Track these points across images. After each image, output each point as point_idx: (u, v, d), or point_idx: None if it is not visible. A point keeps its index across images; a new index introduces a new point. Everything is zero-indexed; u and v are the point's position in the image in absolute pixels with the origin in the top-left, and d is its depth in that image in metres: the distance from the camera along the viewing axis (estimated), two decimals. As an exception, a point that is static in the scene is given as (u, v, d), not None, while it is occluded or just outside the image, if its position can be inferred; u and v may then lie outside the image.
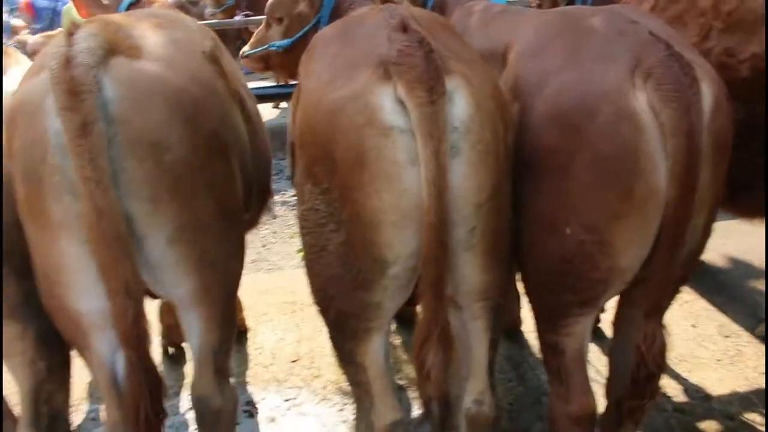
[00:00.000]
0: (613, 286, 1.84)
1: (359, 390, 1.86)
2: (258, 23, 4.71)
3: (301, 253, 4.70)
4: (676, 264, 1.73)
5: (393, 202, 1.58)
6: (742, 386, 3.03)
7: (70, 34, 1.59)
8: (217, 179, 1.84)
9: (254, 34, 3.28)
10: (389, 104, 1.55)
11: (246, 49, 3.26)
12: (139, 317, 1.63)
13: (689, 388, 3.04)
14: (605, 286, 1.83)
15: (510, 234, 1.84)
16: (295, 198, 5.95)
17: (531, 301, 2.01)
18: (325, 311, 1.83)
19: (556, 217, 1.80)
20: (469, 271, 1.73)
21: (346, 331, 1.79)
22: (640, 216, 1.71)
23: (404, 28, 1.60)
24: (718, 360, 3.23)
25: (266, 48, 3.06)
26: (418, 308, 1.74)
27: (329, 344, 3.24)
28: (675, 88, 1.60)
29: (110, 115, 1.57)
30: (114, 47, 1.64)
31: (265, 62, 3.19)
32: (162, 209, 1.68)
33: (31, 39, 2.71)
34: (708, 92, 1.66)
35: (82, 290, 1.69)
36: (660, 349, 1.86)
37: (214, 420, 2.05)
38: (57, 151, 1.57)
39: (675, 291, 2.01)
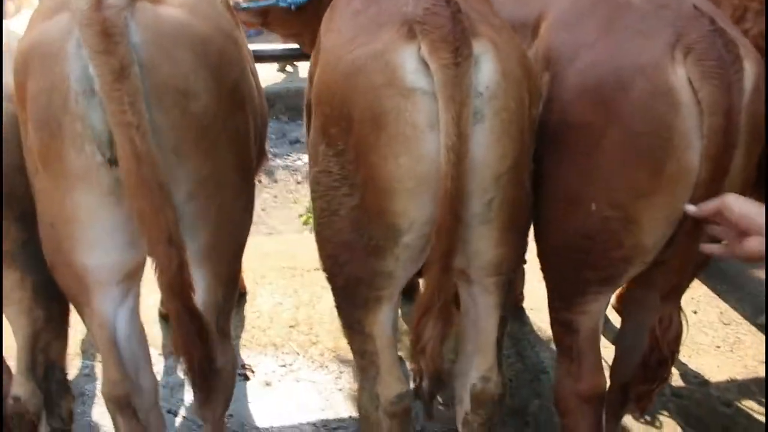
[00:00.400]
0: (635, 266, 1.80)
1: (364, 360, 1.82)
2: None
3: (303, 218, 4.67)
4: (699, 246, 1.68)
5: (410, 167, 1.51)
6: (740, 374, 3.03)
7: None
8: (237, 133, 1.79)
9: None
10: (411, 64, 1.48)
11: (241, 0, 2.95)
12: (183, 266, 1.57)
13: (688, 373, 3.03)
14: (627, 264, 1.78)
15: (527, 208, 1.79)
16: (297, 162, 5.88)
17: (547, 277, 1.97)
18: (334, 278, 1.77)
19: (581, 193, 1.74)
20: (484, 245, 1.68)
21: (355, 299, 1.74)
22: (669, 195, 1.65)
23: None
24: (718, 347, 3.22)
25: (275, 2, 2.82)
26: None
27: (328, 311, 3.29)
28: (717, 64, 1.53)
29: (138, 61, 1.49)
30: None
31: (264, 18, 2.92)
32: (185, 161, 1.62)
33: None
34: (750, 72, 1.59)
35: (91, 244, 1.65)
36: (676, 333, 1.82)
37: (214, 381, 2.01)
38: (80, 98, 1.49)
39: (694, 275, 1.97)
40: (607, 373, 2.09)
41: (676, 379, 2.98)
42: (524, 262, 1.91)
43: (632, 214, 1.70)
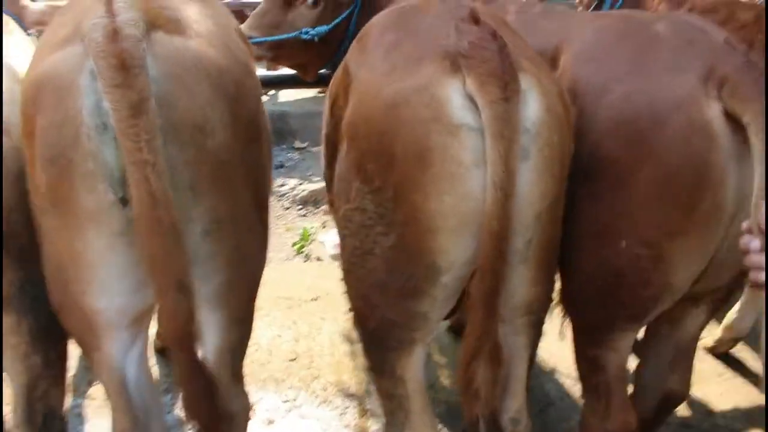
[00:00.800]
0: (664, 303, 1.78)
1: (392, 404, 1.74)
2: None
3: (297, 246, 4.55)
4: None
5: (454, 206, 1.46)
6: (744, 402, 3.01)
7: (109, 3, 1.43)
8: (253, 167, 1.73)
9: (258, 16, 2.86)
10: (458, 99, 1.43)
11: (253, 33, 2.81)
12: (191, 315, 1.47)
13: (693, 402, 3.00)
14: (656, 302, 1.76)
15: (558, 246, 1.74)
16: (283, 187, 5.72)
17: (574, 313, 1.93)
18: (365, 320, 1.70)
19: (611, 229, 1.71)
20: (520, 284, 1.62)
21: (387, 342, 1.66)
22: (702, 233, 1.63)
23: (475, 19, 1.47)
24: (720, 374, 3.20)
25: (297, 34, 2.71)
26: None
27: (328, 343, 3.20)
28: (756, 90, 1.51)
29: (155, 95, 1.41)
30: (153, 20, 1.49)
31: (278, 50, 2.83)
32: (201, 199, 1.54)
33: (33, 6, 2.47)
34: None
35: (102, 287, 1.55)
36: None
37: (227, 426, 1.90)
38: (92, 134, 1.41)
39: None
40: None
41: (682, 409, 2.94)
42: (551, 300, 1.87)
43: (664, 252, 1.68)
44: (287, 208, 4.99)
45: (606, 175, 1.70)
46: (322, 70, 3.03)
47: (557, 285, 1.93)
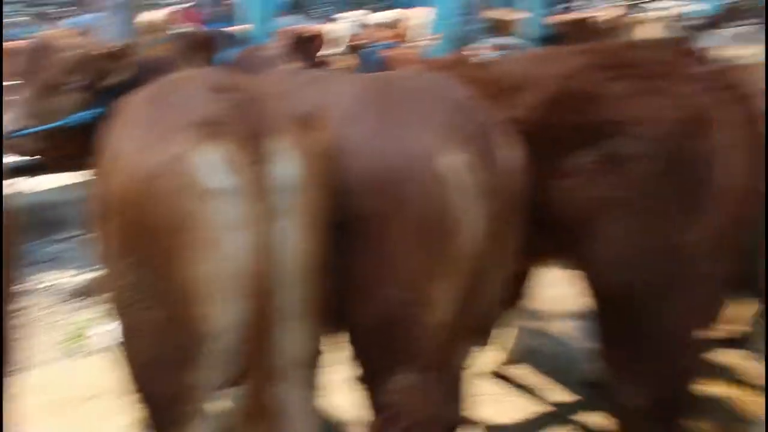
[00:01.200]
0: (435, 340, 1.92)
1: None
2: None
3: (66, 344, 4.14)
4: None
5: (215, 271, 1.48)
6: (519, 416, 3.30)
7: None
8: None
9: (20, 105, 2.58)
10: (211, 166, 1.47)
11: (21, 123, 2.53)
12: None
13: (476, 425, 3.23)
14: (428, 341, 1.89)
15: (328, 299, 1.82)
16: (50, 282, 5.20)
17: (358, 362, 1.99)
18: (146, 398, 1.63)
19: (378, 278, 1.83)
20: (295, 340, 1.67)
21: (171, 417, 1.60)
22: (454, 272, 1.82)
23: (230, 87, 1.54)
24: (496, 394, 3.48)
25: (67, 122, 2.49)
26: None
27: None
28: (487, 150, 1.75)
29: None
30: None
31: (48, 140, 2.56)
32: None
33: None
34: (517, 156, 1.87)
35: None
36: None
37: None
38: None
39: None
40: None
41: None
42: (321, 352, 1.94)
43: (425, 295, 1.84)
44: (54, 304, 4.56)
45: (366, 228, 1.82)
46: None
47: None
